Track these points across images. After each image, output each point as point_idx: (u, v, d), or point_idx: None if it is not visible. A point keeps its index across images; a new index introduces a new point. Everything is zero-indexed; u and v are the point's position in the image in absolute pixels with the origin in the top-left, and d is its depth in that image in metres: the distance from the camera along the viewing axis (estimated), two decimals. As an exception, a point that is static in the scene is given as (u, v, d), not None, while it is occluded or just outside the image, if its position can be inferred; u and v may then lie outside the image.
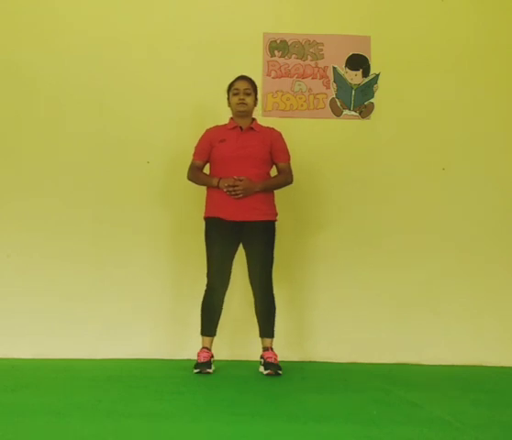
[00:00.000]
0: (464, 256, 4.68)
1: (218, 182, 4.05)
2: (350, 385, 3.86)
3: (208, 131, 4.23)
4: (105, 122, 4.61)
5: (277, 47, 4.68)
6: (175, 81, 4.61)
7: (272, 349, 4.12)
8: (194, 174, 4.21)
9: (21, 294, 4.52)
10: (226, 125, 4.21)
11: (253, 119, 4.22)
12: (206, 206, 4.18)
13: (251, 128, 4.16)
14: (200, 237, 4.17)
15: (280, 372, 4.00)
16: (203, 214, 4.16)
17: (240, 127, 4.15)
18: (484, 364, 4.52)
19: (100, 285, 4.54)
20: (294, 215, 4.55)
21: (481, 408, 3.32)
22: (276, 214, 4.18)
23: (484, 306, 4.65)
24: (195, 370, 4.03)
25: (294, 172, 4.24)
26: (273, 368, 4.01)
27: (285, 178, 4.20)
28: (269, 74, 4.68)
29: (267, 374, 4.01)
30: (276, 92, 4.68)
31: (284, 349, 4.25)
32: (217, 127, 4.23)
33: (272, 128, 4.23)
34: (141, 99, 4.61)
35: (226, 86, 4.14)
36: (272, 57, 4.68)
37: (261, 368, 4.09)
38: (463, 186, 4.71)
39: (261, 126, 4.22)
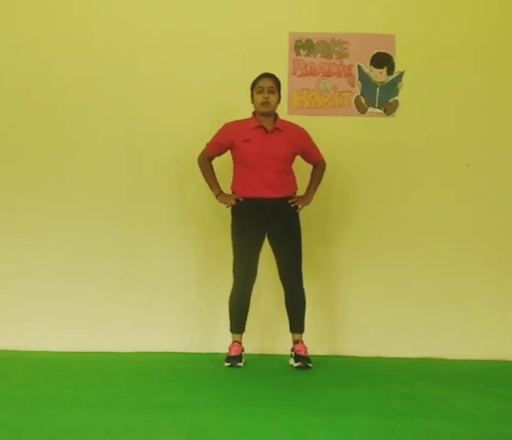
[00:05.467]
0: (489, 252, 4.68)
1: (218, 196, 4.19)
2: (375, 379, 3.88)
3: (229, 127, 4.20)
4: (134, 120, 4.69)
5: (302, 46, 4.72)
6: (203, 80, 4.67)
7: (302, 342, 4.17)
8: (205, 165, 4.26)
9: (52, 290, 4.62)
10: (248, 121, 4.18)
11: (276, 115, 4.20)
12: (235, 184, 4.23)
13: (276, 128, 4.14)
14: (226, 233, 4.23)
15: (310, 365, 4.06)
16: (228, 211, 4.23)
17: (265, 129, 4.13)
18: (508, 359, 4.53)
19: (129, 280, 4.62)
20: (320, 212, 4.58)
21: (505, 402, 3.34)
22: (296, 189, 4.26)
23: (510, 302, 4.65)
24: (226, 364, 4.10)
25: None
26: (304, 360, 4.07)
27: (323, 170, 4.35)
28: (294, 73, 4.72)
29: (297, 367, 4.07)
30: (302, 90, 4.72)
31: (311, 343, 4.29)
32: (238, 124, 4.20)
33: (297, 126, 4.23)
34: (169, 98, 4.68)
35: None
36: (297, 56, 4.73)
37: (292, 361, 4.15)
38: (488, 182, 4.71)
39: (286, 124, 4.21)
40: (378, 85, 4.74)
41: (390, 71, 4.74)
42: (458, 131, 4.72)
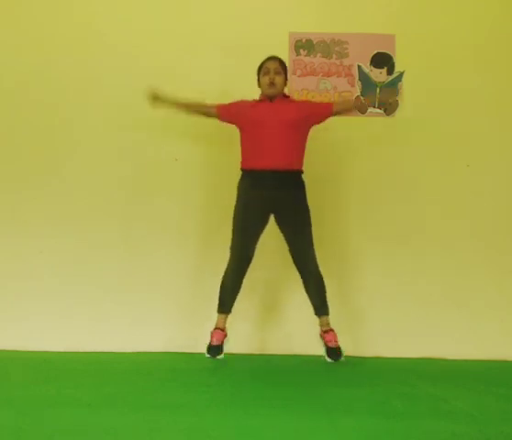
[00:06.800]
0: (490, 252, 4.69)
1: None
2: (375, 379, 3.87)
3: (240, 100, 4.23)
4: (134, 120, 4.68)
5: (302, 46, 4.73)
6: (203, 80, 4.67)
7: (330, 330, 4.16)
8: (199, 103, 4.28)
9: (52, 290, 4.62)
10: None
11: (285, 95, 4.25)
12: (242, 157, 4.20)
13: (284, 97, 4.18)
14: (226, 233, 4.23)
15: (342, 359, 4.09)
16: (228, 211, 4.22)
17: (271, 99, 4.15)
18: (508, 359, 4.53)
19: (129, 280, 4.63)
20: (321, 211, 4.57)
21: (505, 402, 3.33)
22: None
23: (510, 302, 4.65)
24: (207, 355, 4.12)
25: (319, 169, 4.32)
26: (334, 355, 4.10)
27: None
28: (294, 73, 4.72)
29: (330, 361, 4.10)
30: (302, 90, 4.72)
31: (311, 343, 4.29)
32: (249, 100, 4.23)
33: (299, 100, 4.28)
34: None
35: (252, 85, 4.19)
36: (297, 56, 4.73)
37: (323, 351, 4.16)
38: (488, 182, 4.71)
39: (292, 99, 4.27)
40: (378, 85, 4.74)
41: (390, 71, 4.73)
42: (458, 131, 4.72)
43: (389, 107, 4.75)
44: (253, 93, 4.22)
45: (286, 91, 4.34)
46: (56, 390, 3.39)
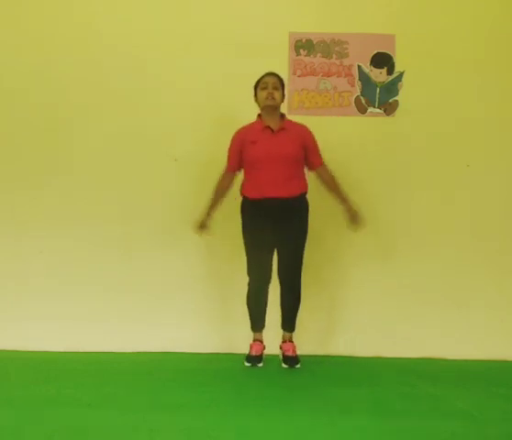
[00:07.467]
0: (490, 252, 4.67)
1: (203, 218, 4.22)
2: (374, 379, 3.88)
3: (238, 133, 4.19)
4: (134, 120, 4.68)
5: (303, 46, 4.72)
6: (203, 80, 4.66)
7: (290, 341, 4.20)
8: (219, 182, 4.23)
9: (52, 290, 4.62)
10: (254, 124, 4.17)
11: (282, 115, 4.18)
12: (244, 186, 4.19)
13: (282, 129, 4.11)
14: (226, 234, 4.22)
15: (297, 366, 4.09)
16: (228, 212, 4.22)
17: (271, 129, 4.10)
18: (508, 359, 4.53)
19: (129, 280, 4.62)
20: (320, 212, 4.57)
21: (505, 402, 3.34)
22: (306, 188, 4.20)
23: (510, 302, 4.65)
24: (247, 364, 4.13)
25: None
26: (291, 362, 4.11)
27: (330, 172, 4.24)
28: (294, 73, 4.72)
29: (286, 367, 4.10)
30: (302, 90, 4.72)
31: (311, 343, 4.29)
32: (246, 128, 4.19)
33: (304, 126, 4.19)
34: (169, 98, 4.67)
35: (253, 85, 4.19)
36: (297, 56, 4.72)
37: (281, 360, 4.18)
38: (488, 182, 4.70)
39: (292, 123, 4.18)
40: (378, 85, 4.74)
41: (390, 71, 4.74)
42: (458, 131, 4.72)
43: (389, 107, 4.76)
44: (253, 93, 4.22)
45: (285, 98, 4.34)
46: (56, 390, 3.40)
